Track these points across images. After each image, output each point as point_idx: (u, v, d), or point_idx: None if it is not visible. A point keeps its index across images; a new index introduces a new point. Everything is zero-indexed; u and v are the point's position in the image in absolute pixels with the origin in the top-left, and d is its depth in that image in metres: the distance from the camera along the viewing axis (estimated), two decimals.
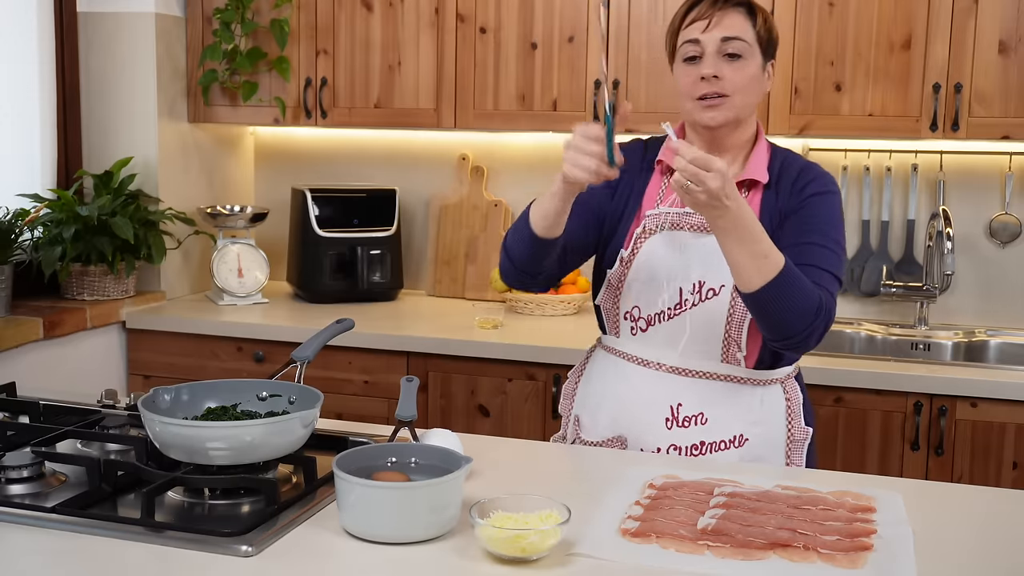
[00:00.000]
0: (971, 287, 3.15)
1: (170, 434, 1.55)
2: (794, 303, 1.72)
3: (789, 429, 1.95)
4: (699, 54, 1.87)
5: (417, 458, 1.58)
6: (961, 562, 1.43)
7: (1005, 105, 2.79)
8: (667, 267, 1.91)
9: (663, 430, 1.92)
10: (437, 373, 2.94)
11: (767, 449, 1.93)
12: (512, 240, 1.90)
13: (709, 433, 1.91)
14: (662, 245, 1.92)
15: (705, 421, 1.91)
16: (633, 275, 1.93)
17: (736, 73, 1.86)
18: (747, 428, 1.92)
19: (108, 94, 3.32)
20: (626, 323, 1.97)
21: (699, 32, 1.86)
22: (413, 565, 1.37)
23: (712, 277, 1.88)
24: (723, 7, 1.87)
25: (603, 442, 1.99)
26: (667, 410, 1.92)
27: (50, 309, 3.00)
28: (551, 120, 3.13)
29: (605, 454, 1.90)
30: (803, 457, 1.96)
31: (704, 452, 1.91)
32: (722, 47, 1.85)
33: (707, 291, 1.89)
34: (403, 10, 3.23)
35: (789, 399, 1.96)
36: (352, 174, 3.68)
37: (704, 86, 1.86)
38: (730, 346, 1.90)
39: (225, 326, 3.11)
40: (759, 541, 1.43)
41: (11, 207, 2.97)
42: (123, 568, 1.36)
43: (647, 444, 1.93)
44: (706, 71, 1.85)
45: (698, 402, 1.91)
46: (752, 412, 1.92)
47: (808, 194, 1.90)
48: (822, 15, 2.89)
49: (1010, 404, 2.55)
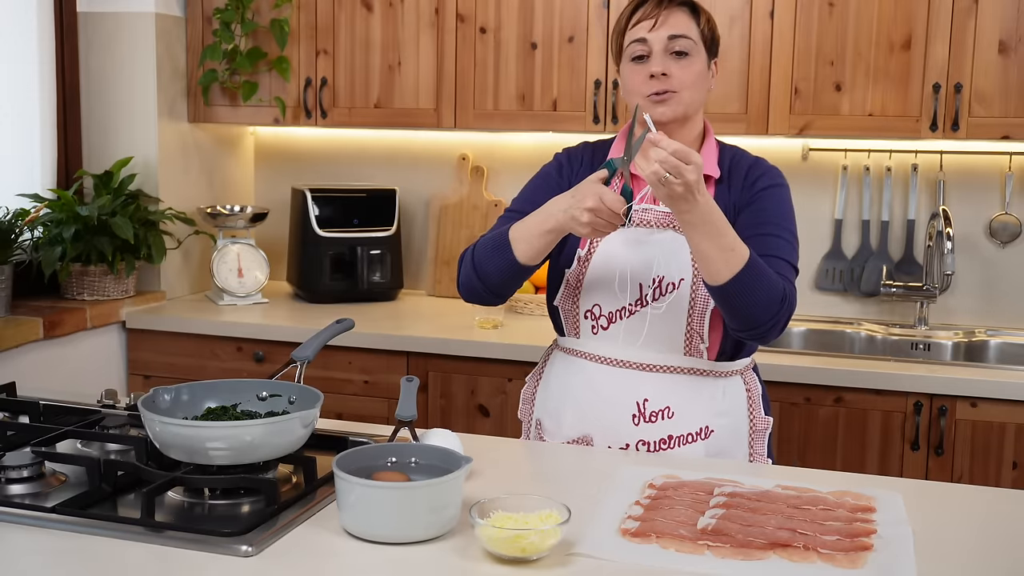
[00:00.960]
0: (971, 287, 3.15)
1: (170, 434, 1.55)
2: (760, 294, 1.76)
3: (751, 420, 1.99)
4: (647, 53, 1.92)
5: (417, 458, 1.58)
6: (961, 562, 1.43)
7: (1005, 105, 2.79)
8: (625, 264, 1.93)
9: (630, 426, 1.94)
10: (437, 373, 2.94)
11: (732, 440, 1.97)
12: (486, 262, 1.90)
13: (676, 427, 1.93)
14: (619, 243, 1.94)
15: (672, 415, 1.93)
16: (592, 273, 1.95)
17: (683, 70, 1.91)
18: (712, 420, 1.95)
19: (108, 94, 3.32)
20: (586, 322, 1.98)
21: (646, 31, 1.91)
22: (413, 565, 1.37)
23: (671, 271, 1.91)
24: (668, 6, 1.92)
25: (568, 443, 2.00)
26: (633, 406, 1.94)
27: (50, 309, 3.00)
28: (551, 120, 3.13)
29: (605, 454, 1.90)
30: (765, 446, 2.00)
31: (672, 446, 1.93)
32: (669, 45, 1.91)
33: (667, 285, 1.92)
34: (403, 10, 3.23)
35: (749, 390, 2.00)
36: (352, 174, 3.68)
37: (654, 84, 1.91)
38: (692, 338, 1.93)
39: (225, 326, 3.11)
40: (759, 541, 1.43)
41: (11, 207, 2.97)
42: (123, 568, 1.36)
43: (614, 441, 1.95)
44: (655, 69, 1.90)
45: (664, 396, 1.93)
46: (716, 403, 1.96)
47: (760, 187, 1.95)
48: (822, 15, 2.89)
49: (1010, 404, 2.55)
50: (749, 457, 1.99)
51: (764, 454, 2.00)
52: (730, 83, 2.97)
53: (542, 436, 2.06)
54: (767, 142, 3.20)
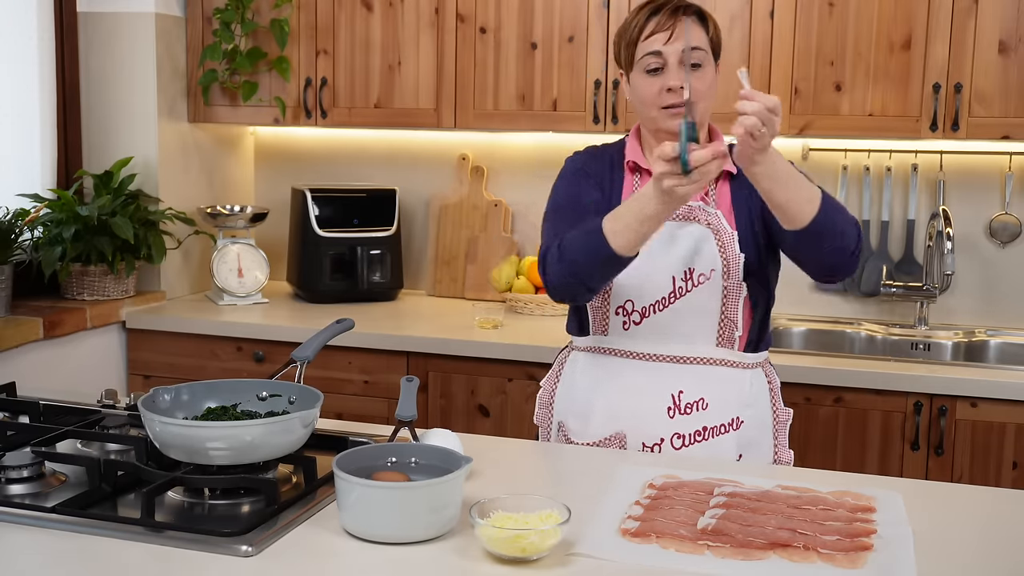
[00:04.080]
0: (971, 287, 3.15)
1: (170, 434, 1.55)
2: (842, 218, 1.82)
3: (774, 411, 2.04)
4: (662, 65, 1.93)
5: (417, 458, 1.58)
6: (961, 562, 1.43)
7: (1005, 105, 2.79)
8: (657, 258, 1.95)
9: (665, 419, 1.96)
10: (437, 373, 2.94)
11: (758, 431, 2.01)
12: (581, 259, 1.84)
13: (710, 418, 1.96)
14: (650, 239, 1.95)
15: (706, 406, 1.97)
16: (625, 270, 1.94)
17: (699, 81, 1.93)
18: (741, 410, 1.99)
19: (108, 94, 3.32)
20: (617, 319, 2.00)
21: (661, 44, 1.92)
22: (413, 565, 1.37)
23: (701, 263, 1.95)
24: (681, 18, 1.93)
25: (599, 442, 2.01)
26: (668, 399, 1.97)
27: (50, 309, 3.00)
28: (551, 120, 3.13)
29: (605, 454, 1.91)
30: (786, 437, 2.05)
31: (706, 437, 1.96)
32: (683, 58, 1.91)
33: (698, 276, 1.95)
34: (403, 10, 3.23)
35: (771, 381, 2.05)
36: (352, 174, 3.68)
37: (670, 97, 1.92)
38: (727, 327, 1.96)
39: (225, 326, 3.11)
40: (759, 541, 1.43)
41: (11, 207, 2.97)
42: (123, 568, 1.36)
43: (648, 436, 1.97)
44: (672, 83, 1.91)
45: (698, 388, 1.97)
46: (744, 394, 1.99)
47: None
48: (822, 15, 2.89)
49: (1010, 404, 2.55)
50: (774, 448, 2.03)
51: (786, 445, 2.05)
52: (730, 83, 2.96)
53: (568, 438, 2.06)
54: None
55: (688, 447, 1.96)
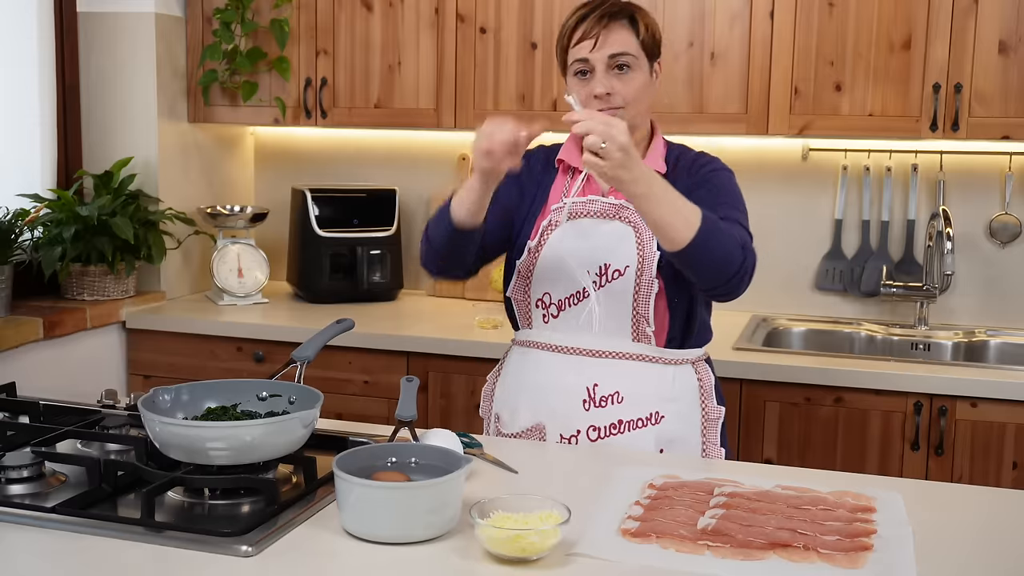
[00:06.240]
0: (971, 287, 3.15)
1: (170, 434, 1.55)
2: (723, 243, 1.81)
3: (703, 408, 2.04)
4: (589, 70, 1.97)
5: (417, 458, 1.58)
6: (961, 562, 1.43)
7: (1005, 105, 2.79)
8: (573, 253, 2.00)
9: (581, 412, 2.00)
10: (437, 373, 2.94)
11: (683, 426, 2.02)
12: (434, 230, 1.99)
13: (625, 411, 1.99)
14: (567, 234, 2.02)
15: (621, 400, 1.99)
16: (541, 263, 2.02)
17: (626, 86, 1.97)
18: (662, 405, 2.00)
19: (108, 94, 3.32)
20: (538, 311, 2.06)
21: (587, 51, 1.97)
22: (413, 565, 1.37)
23: (616, 259, 1.98)
24: (608, 24, 1.96)
25: (522, 433, 2.06)
26: (584, 391, 2.00)
27: (50, 309, 3.00)
28: (551, 120, 3.13)
29: (605, 454, 1.91)
30: (718, 435, 2.06)
31: (622, 431, 1.99)
32: (610, 63, 1.96)
33: (612, 272, 1.98)
34: (403, 10, 3.23)
35: (701, 379, 2.06)
36: (352, 174, 3.68)
37: (598, 102, 1.96)
38: (639, 323, 1.99)
39: (225, 326, 3.11)
40: (759, 541, 1.43)
41: (11, 207, 2.97)
42: (123, 568, 1.36)
43: (566, 428, 2.01)
44: (598, 90, 1.96)
45: (613, 381, 2.00)
46: (665, 389, 2.01)
47: (708, 170, 2.03)
48: (822, 15, 2.89)
49: (1010, 404, 2.55)
50: (702, 445, 2.04)
51: (717, 443, 2.06)
52: (730, 83, 2.97)
53: (500, 430, 2.12)
54: (767, 142, 3.20)
55: (604, 439, 1.99)
